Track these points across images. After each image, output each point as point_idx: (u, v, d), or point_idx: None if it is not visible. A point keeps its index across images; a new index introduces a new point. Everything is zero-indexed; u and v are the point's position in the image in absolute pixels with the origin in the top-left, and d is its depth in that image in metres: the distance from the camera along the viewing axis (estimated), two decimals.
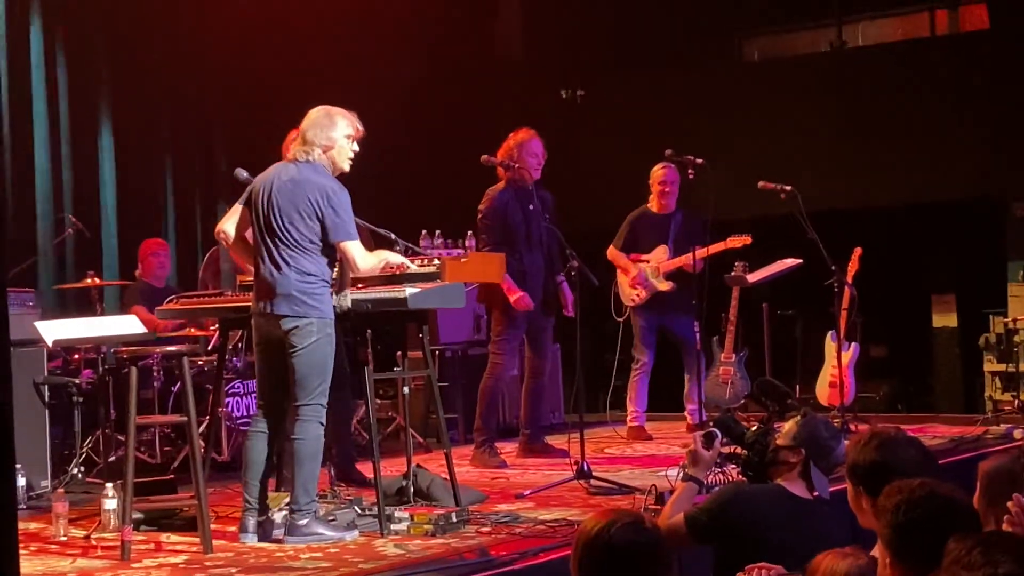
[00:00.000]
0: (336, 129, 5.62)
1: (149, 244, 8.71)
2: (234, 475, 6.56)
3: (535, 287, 7.64)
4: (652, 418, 8.89)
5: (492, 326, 7.84)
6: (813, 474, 4.19)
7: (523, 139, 7.67)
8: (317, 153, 5.59)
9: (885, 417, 9.11)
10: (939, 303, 10.46)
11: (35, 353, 7.09)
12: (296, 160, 5.61)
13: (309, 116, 5.64)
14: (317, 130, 5.60)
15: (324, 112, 5.64)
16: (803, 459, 4.21)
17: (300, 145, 5.62)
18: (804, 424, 4.30)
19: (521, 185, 7.66)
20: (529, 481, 6.94)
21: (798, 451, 4.22)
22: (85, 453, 7.43)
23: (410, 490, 6.10)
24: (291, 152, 5.70)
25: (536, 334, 7.82)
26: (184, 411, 5.67)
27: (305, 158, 5.59)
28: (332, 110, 5.66)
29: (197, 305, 6.41)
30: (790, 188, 8.21)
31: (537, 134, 7.73)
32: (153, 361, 7.61)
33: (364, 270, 5.60)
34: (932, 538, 2.73)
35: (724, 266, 8.77)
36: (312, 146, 5.59)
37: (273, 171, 5.67)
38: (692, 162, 7.90)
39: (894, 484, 2.93)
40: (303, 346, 5.48)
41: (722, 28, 11.56)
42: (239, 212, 5.71)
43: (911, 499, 2.84)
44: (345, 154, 5.67)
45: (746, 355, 8.97)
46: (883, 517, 2.87)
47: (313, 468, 5.54)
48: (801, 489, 4.20)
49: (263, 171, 5.74)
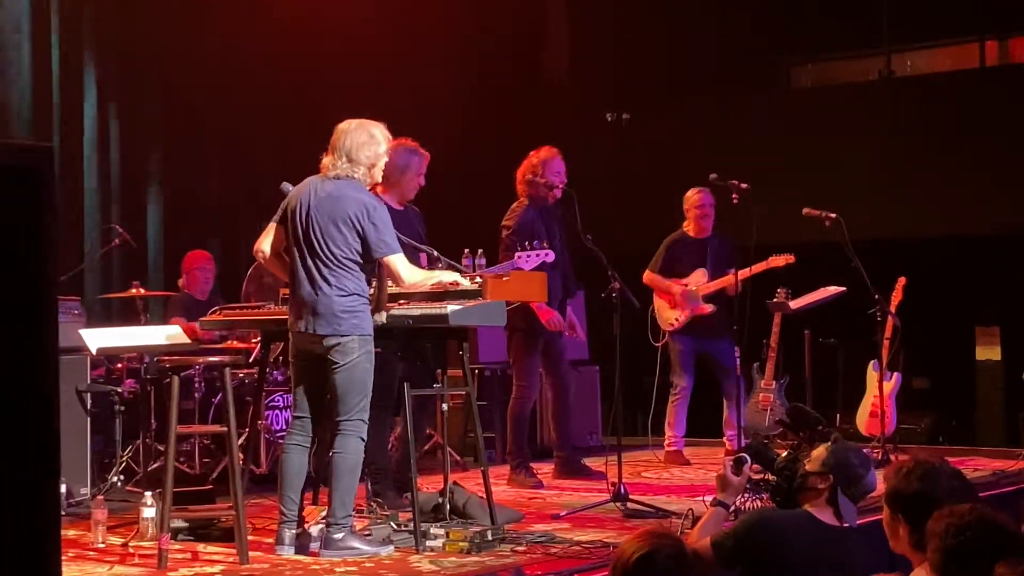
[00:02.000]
0: (380, 146, 5.64)
1: (194, 257, 8.74)
2: (272, 488, 6.58)
3: (553, 307, 7.61)
4: (690, 443, 8.86)
5: (512, 350, 7.81)
6: (841, 501, 4.16)
7: (546, 157, 7.66)
8: (362, 171, 5.59)
9: (926, 449, 9.03)
10: (983, 336, 10.36)
11: (79, 361, 7.15)
12: (336, 176, 5.60)
13: (349, 133, 5.58)
14: (362, 149, 5.57)
15: (365, 129, 5.62)
16: (831, 486, 4.18)
17: (343, 162, 5.58)
18: (834, 451, 4.27)
19: (543, 203, 7.66)
20: (565, 502, 6.93)
21: (826, 477, 4.19)
22: (125, 462, 7.48)
23: (446, 507, 6.10)
24: (327, 167, 5.64)
25: (550, 354, 7.78)
26: (224, 422, 5.71)
27: (347, 175, 5.58)
28: (369, 126, 5.63)
29: (240, 316, 6.46)
30: (835, 216, 8.18)
31: (559, 153, 7.71)
32: (195, 372, 7.66)
33: (409, 284, 5.61)
34: (981, 563, 2.72)
35: (766, 292, 8.73)
36: (357, 165, 5.57)
37: (308, 186, 5.64)
38: (736, 187, 7.88)
39: (945, 508, 2.92)
40: (344, 363, 5.49)
41: (771, 55, 11.55)
42: (274, 230, 5.72)
43: (962, 523, 2.84)
44: (381, 171, 5.70)
45: (786, 382, 8.92)
46: (933, 540, 2.86)
47: (352, 482, 5.56)
48: (828, 516, 4.18)
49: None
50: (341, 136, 5.61)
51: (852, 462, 4.24)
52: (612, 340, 7.02)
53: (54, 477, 1.82)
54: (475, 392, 7.15)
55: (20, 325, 1.75)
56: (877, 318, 8.32)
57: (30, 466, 1.75)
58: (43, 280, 1.73)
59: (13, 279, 1.71)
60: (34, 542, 1.86)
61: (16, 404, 1.72)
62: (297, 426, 5.74)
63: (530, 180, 7.61)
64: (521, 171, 7.68)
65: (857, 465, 4.24)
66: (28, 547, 1.82)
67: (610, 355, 7.19)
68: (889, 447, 8.21)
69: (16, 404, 1.72)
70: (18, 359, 1.74)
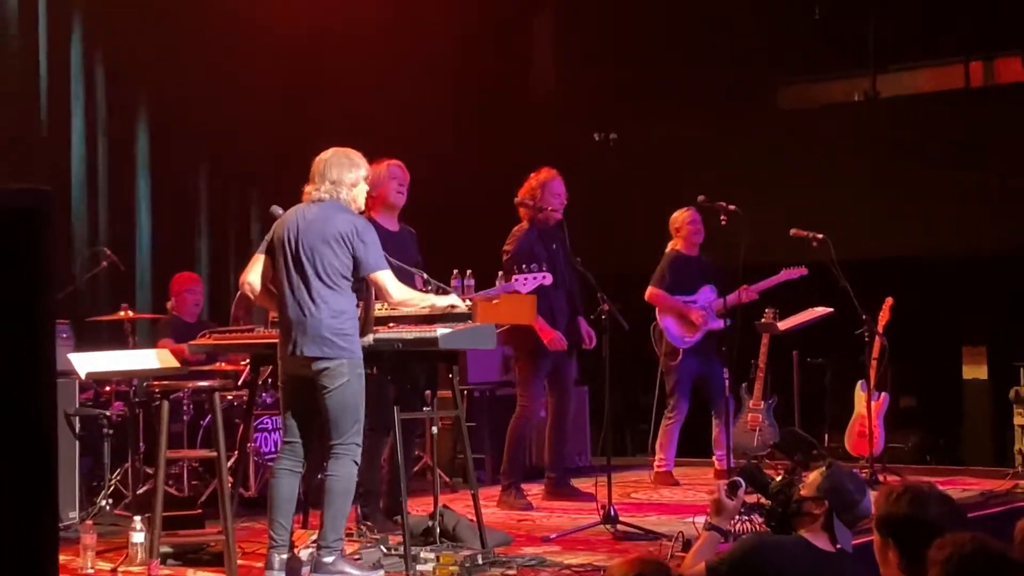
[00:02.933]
0: (359, 170, 5.69)
1: (183, 279, 8.73)
2: (262, 511, 6.56)
3: (559, 327, 7.65)
4: (679, 463, 8.86)
5: (518, 369, 7.85)
6: (836, 527, 4.16)
7: (545, 179, 7.70)
8: (345, 192, 5.64)
9: (914, 468, 9.06)
10: (970, 355, 10.40)
11: (67, 384, 7.13)
12: (320, 200, 5.62)
13: (327, 160, 5.65)
14: (343, 171, 5.63)
15: (343, 153, 5.68)
16: (826, 511, 4.19)
17: (326, 185, 5.62)
18: (829, 476, 4.28)
19: (545, 225, 7.68)
20: (555, 524, 6.93)
21: (822, 503, 4.20)
22: (114, 485, 7.46)
23: (436, 530, 6.10)
24: (311, 193, 5.68)
25: (560, 375, 7.81)
26: (214, 446, 5.70)
27: (331, 197, 5.62)
28: (347, 151, 5.70)
29: (229, 340, 6.45)
30: (822, 236, 8.22)
31: (559, 174, 7.75)
32: (183, 395, 7.65)
33: (398, 301, 5.63)
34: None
35: (755, 313, 8.76)
36: (340, 185, 5.62)
37: (294, 212, 5.68)
38: (725, 208, 7.91)
39: (946, 536, 2.93)
40: (334, 387, 5.49)
41: (757, 76, 11.60)
42: (261, 261, 5.73)
43: (964, 552, 2.84)
44: (363, 194, 5.74)
45: (775, 402, 8.95)
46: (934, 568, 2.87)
47: (343, 505, 5.55)
48: (824, 541, 4.18)
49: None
50: (320, 164, 5.68)
51: (847, 487, 4.24)
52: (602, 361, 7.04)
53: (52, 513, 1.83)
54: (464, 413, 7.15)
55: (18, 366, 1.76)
56: (865, 338, 8.35)
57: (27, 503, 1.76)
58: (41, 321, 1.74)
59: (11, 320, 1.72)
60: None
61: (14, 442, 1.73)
62: (287, 451, 5.74)
63: (537, 206, 7.65)
64: (521, 194, 7.72)
65: (853, 490, 4.24)
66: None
67: (599, 375, 7.20)
68: (877, 467, 8.23)
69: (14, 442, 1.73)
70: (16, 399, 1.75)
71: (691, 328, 8.58)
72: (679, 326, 8.62)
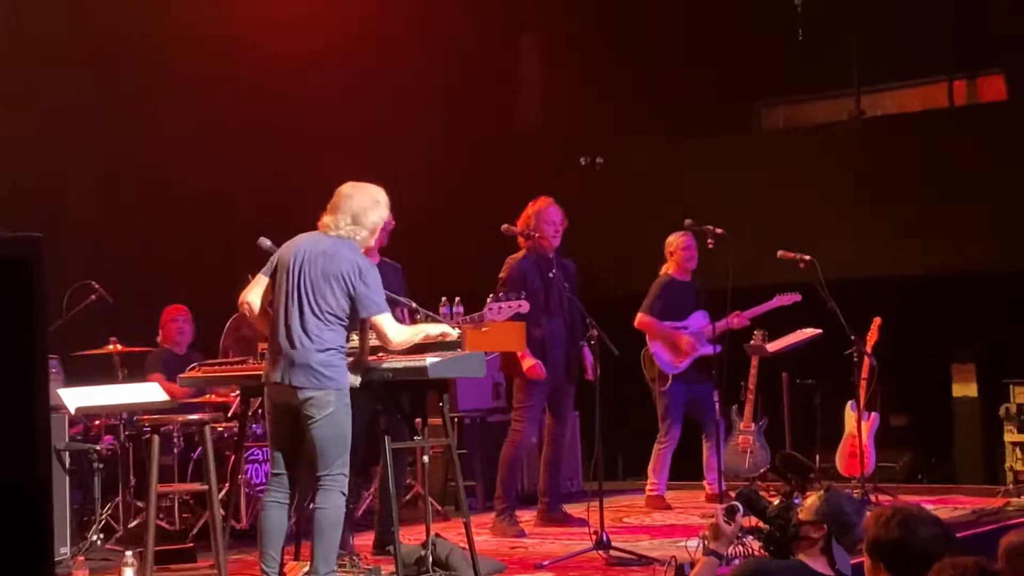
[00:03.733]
0: (382, 210, 5.70)
1: (169, 311, 8.74)
2: (253, 543, 6.54)
3: (556, 354, 7.66)
4: (670, 487, 8.86)
5: (515, 394, 7.85)
6: (835, 551, 4.16)
7: (541, 207, 7.73)
8: (364, 235, 5.64)
9: (905, 488, 9.07)
10: (959, 372, 10.41)
11: (57, 419, 7.10)
12: (337, 236, 5.62)
13: (355, 197, 5.64)
14: (367, 212, 5.63)
15: (370, 193, 5.67)
16: (825, 535, 4.19)
17: (347, 221, 5.61)
18: (827, 499, 4.28)
19: (541, 253, 7.71)
20: (548, 551, 6.92)
21: (820, 527, 4.20)
22: (104, 520, 7.43)
23: (429, 560, 6.09)
24: (327, 226, 5.67)
25: (558, 401, 7.83)
26: (205, 479, 5.69)
27: (349, 236, 5.61)
28: (373, 191, 5.69)
29: (219, 373, 6.45)
30: (809, 258, 8.24)
31: (555, 202, 7.78)
32: (173, 428, 7.63)
33: (397, 343, 5.62)
34: None
35: (744, 335, 8.77)
36: (361, 228, 5.62)
37: (304, 241, 5.66)
38: (712, 231, 7.93)
39: (946, 561, 2.93)
40: (320, 417, 5.48)
41: (741, 97, 11.64)
42: (264, 283, 5.72)
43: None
44: (377, 234, 5.76)
45: (765, 424, 8.95)
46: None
47: (333, 537, 5.54)
48: (823, 565, 4.18)
49: (287, 239, 5.77)
50: (345, 199, 5.64)
51: (846, 510, 4.24)
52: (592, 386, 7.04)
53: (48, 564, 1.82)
54: (455, 441, 7.15)
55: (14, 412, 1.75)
56: (854, 359, 8.37)
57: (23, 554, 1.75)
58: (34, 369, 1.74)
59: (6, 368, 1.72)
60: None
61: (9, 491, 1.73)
62: (275, 483, 5.73)
63: (524, 232, 7.67)
64: (519, 223, 7.74)
65: (851, 513, 4.24)
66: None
67: (590, 400, 7.20)
68: (869, 487, 8.24)
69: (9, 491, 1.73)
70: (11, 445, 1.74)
71: (681, 354, 8.58)
72: (669, 352, 8.62)
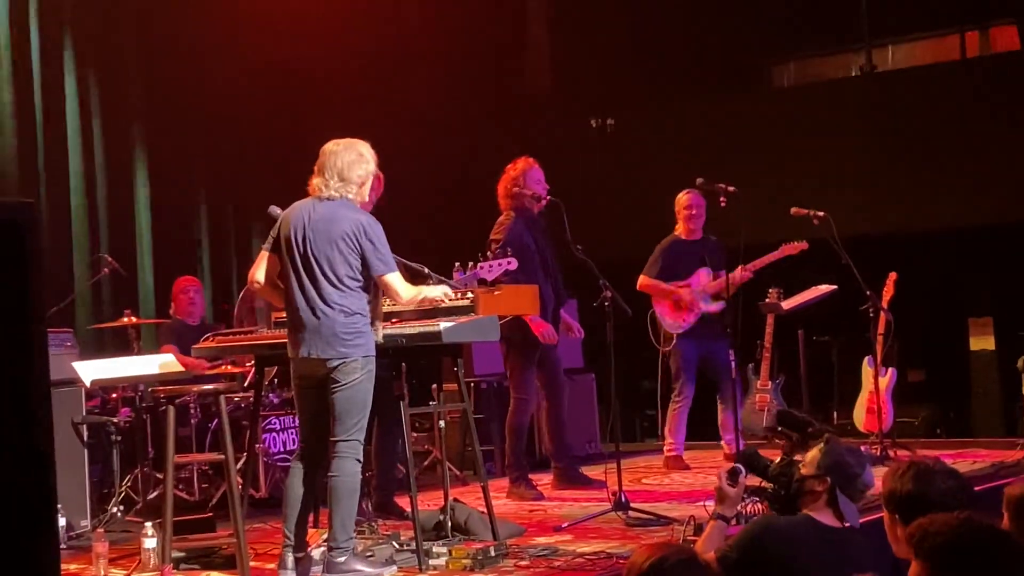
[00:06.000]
0: (369, 164, 5.63)
1: (180, 282, 8.74)
2: (272, 512, 6.57)
3: (547, 316, 7.60)
4: (688, 447, 8.84)
5: (508, 362, 7.77)
6: (841, 502, 4.15)
7: (524, 168, 7.65)
8: (354, 190, 5.59)
9: (924, 443, 9.05)
10: (976, 326, 10.38)
11: (73, 393, 7.13)
12: (329, 198, 5.58)
13: (339, 153, 5.56)
14: (353, 168, 5.56)
15: (353, 147, 5.60)
16: (829, 487, 4.17)
17: (334, 182, 5.57)
18: (827, 452, 4.26)
19: (529, 214, 7.65)
20: (567, 513, 6.92)
21: (823, 480, 4.18)
22: (124, 492, 7.46)
23: (448, 524, 6.09)
24: (318, 188, 5.61)
25: (548, 363, 7.76)
26: (222, 449, 5.70)
27: (341, 195, 5.58)
28: (357, 145, 5.62)
29: (233, 343, 6.44)
30: (823, 214, 8.18)
31: (536, 162, 7.71)
32: (190, 398, 7.65)
33: (406, 301, 5.60)
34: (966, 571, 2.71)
35: (759, 293, 8.74)
36: (349, 183, 5.57)
37: (300, 210, 5.60)
38: (724, 190, 7.86)
39: (928, 516, 2.90)
40: (346, 382, 5.45)
41: (751, 55, 11.57)
42: (266, 258, 5.69)
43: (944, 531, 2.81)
44: (369, 188, 5.71)
45: (782, 382, 8.93)
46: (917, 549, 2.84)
47: (351, 505, 5.53)
48: (830, 518, 4.17)
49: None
50: (330, 157, 5.59)
51: (847, 461, 4.23)
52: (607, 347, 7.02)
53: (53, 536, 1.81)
54: (472, 406, 7.14)
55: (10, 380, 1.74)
56: (870, 314, 8.33)
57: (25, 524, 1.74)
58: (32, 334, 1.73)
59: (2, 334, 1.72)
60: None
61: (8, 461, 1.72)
62: (300, 452, 5.72)
63: (516, 193, 7.60)
64: (502, 185, 7.67)
65: (853, 464, 4.22)
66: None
67: (605, 362, 7.19)
68: (887, 442, 8.21)
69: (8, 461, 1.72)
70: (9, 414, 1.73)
71: (684, 313, 8.55)
72: (672, 312, 8.59)
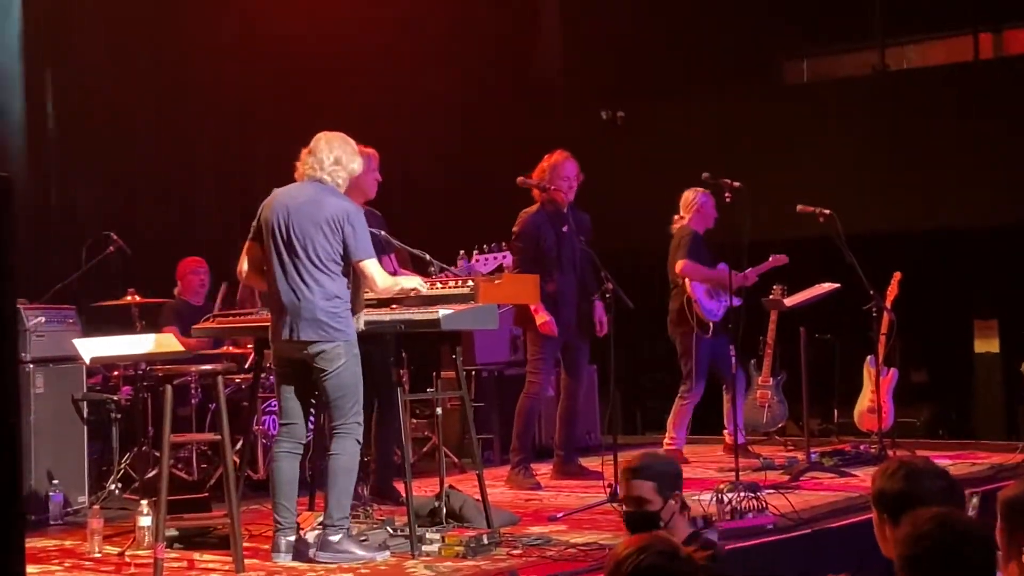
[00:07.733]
0: (358, 159, 5.75)
1: (188, 262, 8.77)
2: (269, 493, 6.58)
3: (569, 309, 7.63)
4: (688, 441, 8.84)
5: (528, 347, 7.84)
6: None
7: (556, 161, 7.68)
8: (344, 177, 5.65)
9: (925, 443, 9.03)
10: (981, 328, 10.35)
11: (75, 370, 7.16)
12: (320, 180, 5.63)
13: (332, 143, 5.66)
14: (347, 158, 5.67)
15: (345, 140, 5.71)
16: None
17: (327, 165, 5.63)
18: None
19: (555, 207, 7.67)
20: (562, 503, 6.93)
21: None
22: (123, 470, 7.48)
23: (442, 511, 6.11)
24: (308, 171, 5.67)
25: (571, 356, 7.82)
26: (218, 430, 5.71)
27: (332, 179, 5.63)
28: (348, 139, 5.73)
29: (233, 324, 6.46)
30: (829, 212, 8.16)
31: (571, 156, 7.73)
32: (191, 379, 7.66)
33: (382, 289, 5.65)
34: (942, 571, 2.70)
35: (762, 290, 8.72)
36: (340, 169, 5.64)
37: (282, 195, 5.66)
38: (729, 185, 7.84)
39: (908, 515, 2.89)
40: (332, 370, 5.51)
41: (764, 51, 11.54)
42: (248, 248, 5.75)
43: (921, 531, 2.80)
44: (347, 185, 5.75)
45: (784, 379, 8.92)
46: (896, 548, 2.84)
47: (347, 483, 5.57)
48: None
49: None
50: (324, 145, 5.66)
51: None
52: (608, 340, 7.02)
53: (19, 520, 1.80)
54: (470, 394, 7.15)
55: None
56: (873, 313, 8.31)
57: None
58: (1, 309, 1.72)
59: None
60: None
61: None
62: (285, 432, 5.77)
63: (540, 185, 7.64)
64: (534, 175, 7.69)
65: None
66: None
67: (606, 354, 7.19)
68: (887, 442, 8.20)
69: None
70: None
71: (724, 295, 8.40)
72: (711, 298, 8.51)
